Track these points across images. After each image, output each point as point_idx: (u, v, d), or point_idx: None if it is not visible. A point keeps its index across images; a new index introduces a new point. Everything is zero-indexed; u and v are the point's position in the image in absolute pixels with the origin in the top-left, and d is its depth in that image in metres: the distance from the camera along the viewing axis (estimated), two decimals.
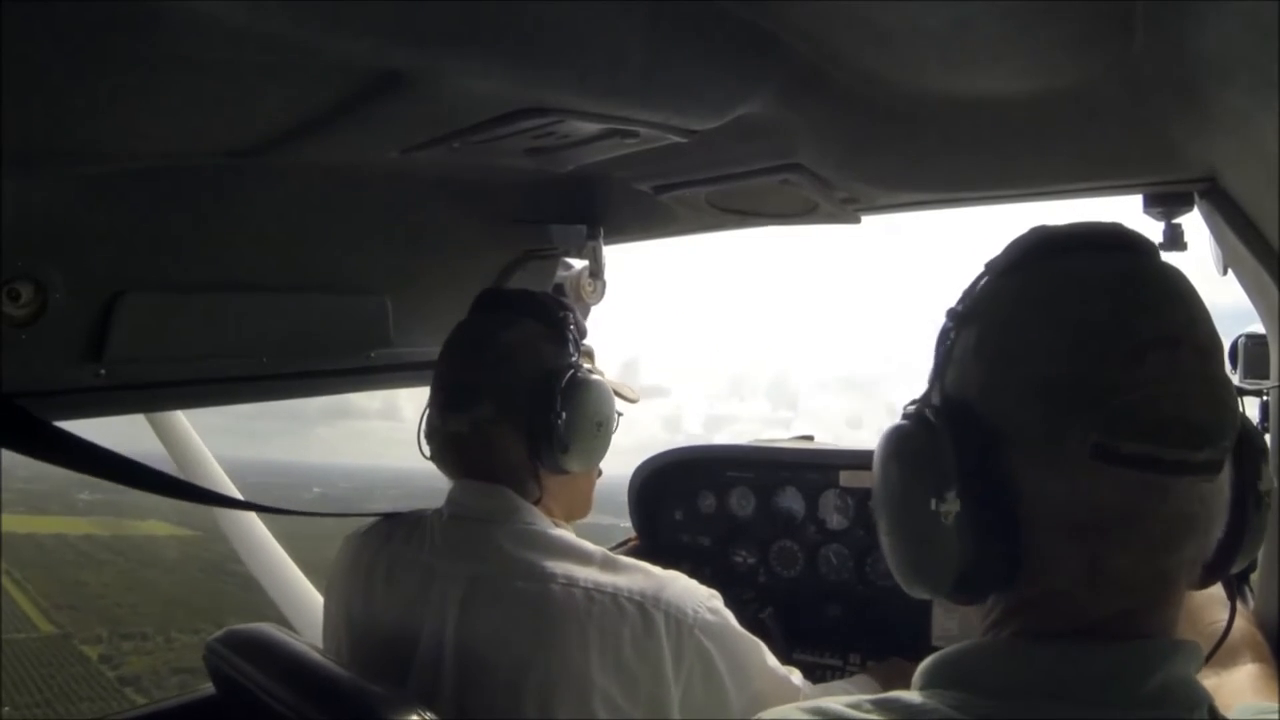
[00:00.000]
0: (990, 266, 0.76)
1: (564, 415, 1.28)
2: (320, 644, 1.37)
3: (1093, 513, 0.66)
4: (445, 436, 1.36)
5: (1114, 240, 0.72)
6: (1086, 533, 0.67)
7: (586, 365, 1.37)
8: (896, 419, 0.76)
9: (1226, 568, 0.71)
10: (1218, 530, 0.68)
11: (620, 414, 1.42)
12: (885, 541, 0.75)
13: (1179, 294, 0.69)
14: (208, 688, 1.39)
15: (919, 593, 0.74)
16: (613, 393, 1.39)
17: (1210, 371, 0.67)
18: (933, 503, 0.68)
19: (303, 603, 2.74)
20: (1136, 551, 0.66)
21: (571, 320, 1.38)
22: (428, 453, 1.40)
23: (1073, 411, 0.66)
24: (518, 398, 1.30)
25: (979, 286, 0.76)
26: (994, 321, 0.72)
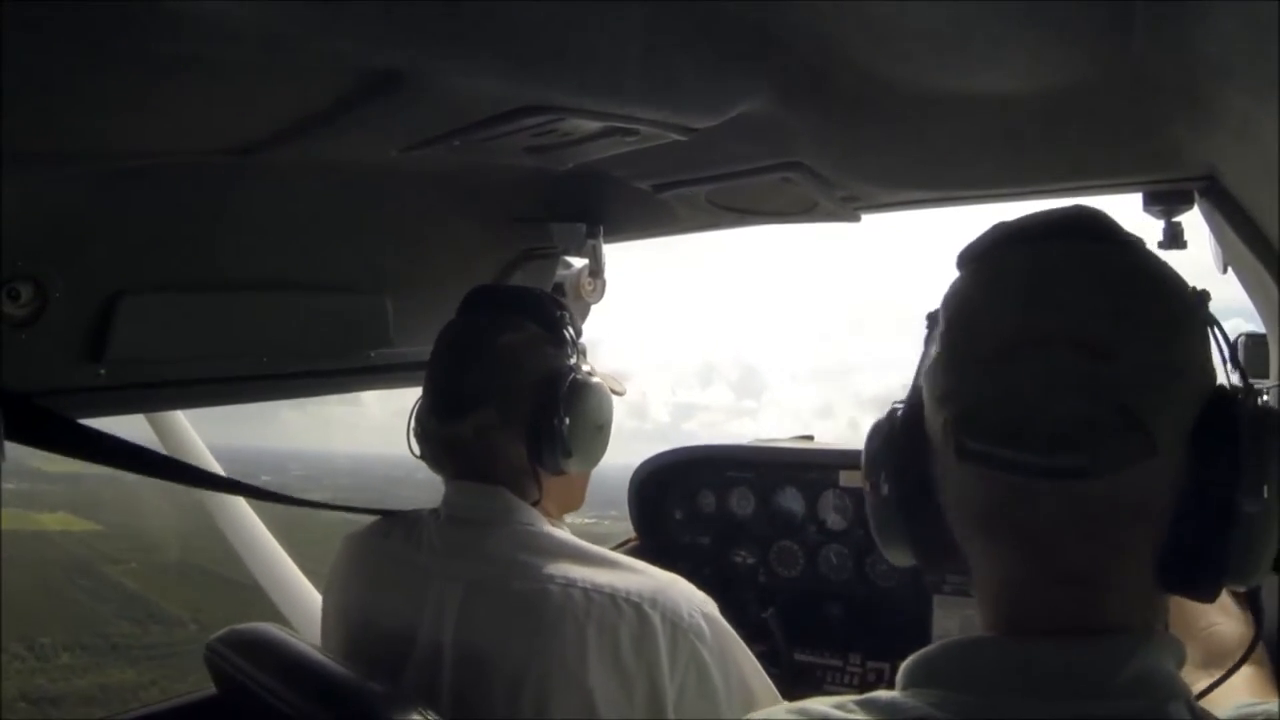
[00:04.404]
0: (961, 255, 0.78)
1: (567, 420, 1.28)
2: (318, 642, 1.37)
3: (969, 509, 0.71)
4: (444, 441, 1.34)
5: (1045, 230, 0.72)
6: (976, 529, 0.71)
7: (584, 366, 1.37)
8: (865, 410, 0.82)
9: (1197, 576, 0.67)
10: (1144, 535, 0.66)
11: None
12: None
13: (1082, 286, 0.67)
14: (209, 688, 1.39)
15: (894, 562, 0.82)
16: (610, 392, 1.39)
17: (1099, 370, 0.64)
18: (876, 488, 0.77)
19: (301, 601, 2.74)
20: (1023, 551, 0.68)
21: (568, 320, 1.37)
22: (418, 452, 1.40)
23: (944, 410, 0.70)
24: (519, 403, 1.29)
25: (955, 276, 0.78)
26: (941, 312, 0.76)
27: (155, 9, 0.67)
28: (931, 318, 0.78)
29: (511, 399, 1.29)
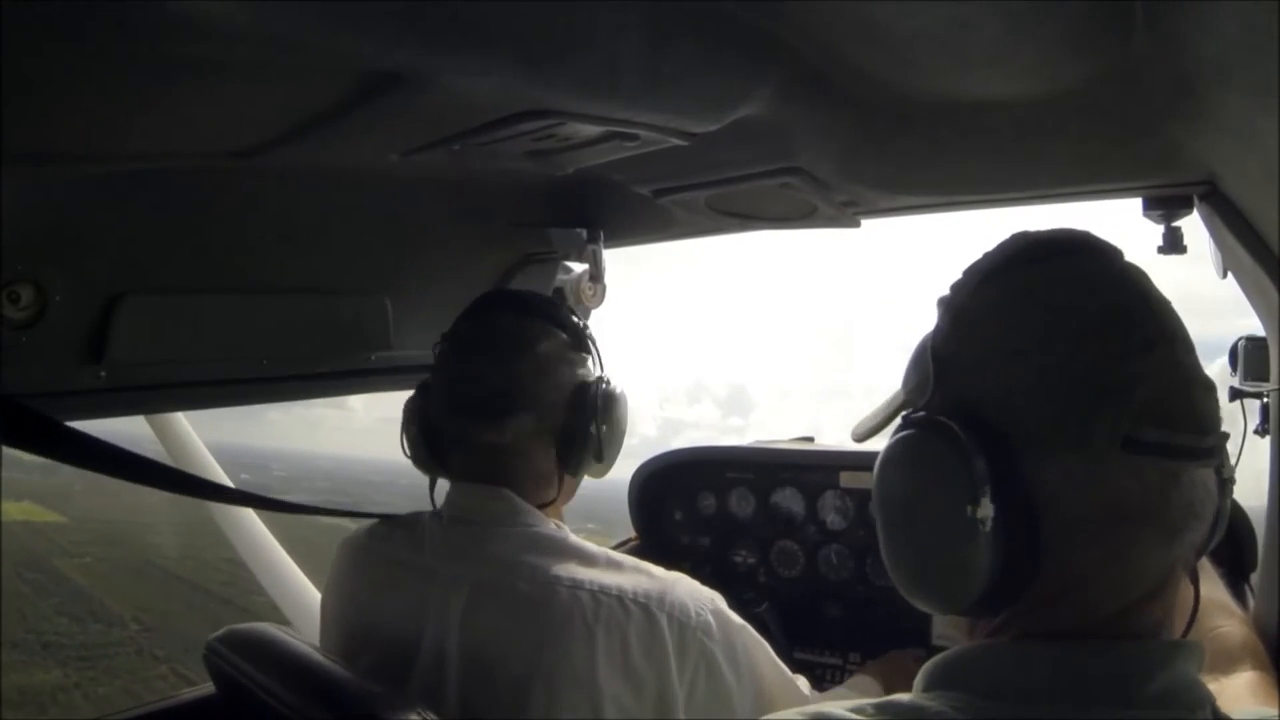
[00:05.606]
0: (979, 271, 0.78)
1: (604, 427, 1.33)
2: (318, 642, 1.37)
3: (1116, 504, 0.67)
4: (478, 446, 1.32)
5: (1092, 244, 0.77)
6: (1107, 525, 0.68)
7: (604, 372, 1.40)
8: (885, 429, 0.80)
9: (1205, 550, 0.74)
10: (1211, 516, 0.71)
11: None
12: (905, 558, 0.74)
13: (1160, 294, 0.74)
14: (208, 687, 1.39)
15: (944, 609, 0.74)
16: None
17: (1197, 364, 0.72)
18: (968, 512, 0.66)
19: (301, 601, 2.74)
20: (1151, 540, 0.68)
21: (586, 327, 1.40)
22: (409, 452, 1.40)
23: (1098, 405, 0.67)
24: (557, 410, 1.32)
25: (972, 291, 0.77)
26: (1001, 323, 0.73)
27: (156, 10, 0.67)
28: (954, 320, 0.77)
29: (550, 406, 1.31)
